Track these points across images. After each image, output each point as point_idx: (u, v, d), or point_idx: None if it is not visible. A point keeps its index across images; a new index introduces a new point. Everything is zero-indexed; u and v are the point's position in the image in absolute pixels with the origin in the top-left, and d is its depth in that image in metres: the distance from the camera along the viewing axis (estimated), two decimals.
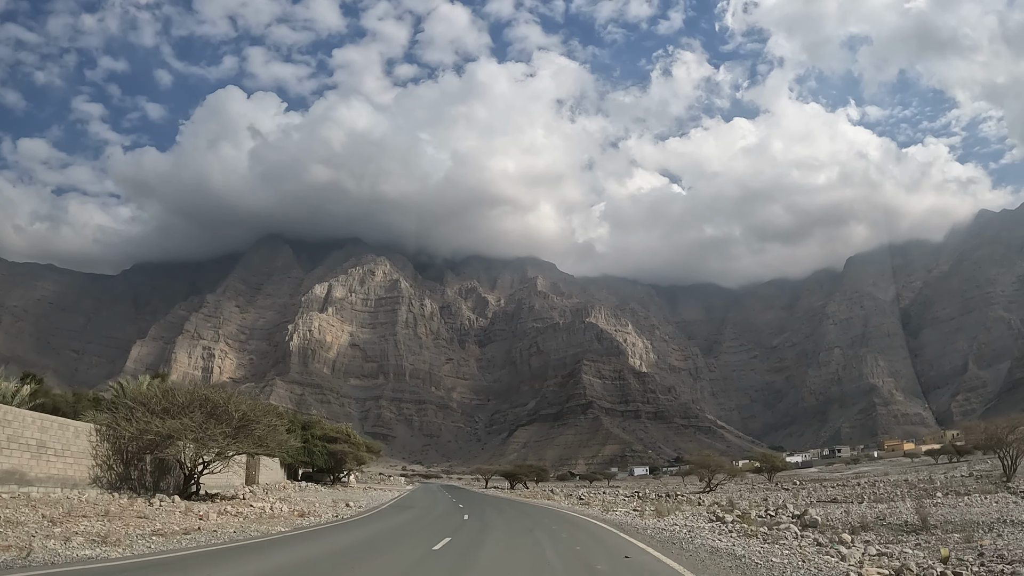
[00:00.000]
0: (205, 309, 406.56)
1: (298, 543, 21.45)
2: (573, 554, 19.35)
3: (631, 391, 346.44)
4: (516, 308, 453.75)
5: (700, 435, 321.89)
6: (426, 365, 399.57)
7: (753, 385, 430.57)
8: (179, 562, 16.10)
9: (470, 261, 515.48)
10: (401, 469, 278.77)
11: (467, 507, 43.60)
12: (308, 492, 53.76)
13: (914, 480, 61.55)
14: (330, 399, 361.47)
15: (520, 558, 18.84)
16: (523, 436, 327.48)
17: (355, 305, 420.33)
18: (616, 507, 43.73)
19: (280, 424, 37.30)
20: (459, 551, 19.63)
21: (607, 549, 20.37)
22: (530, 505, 49.06)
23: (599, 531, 26.88)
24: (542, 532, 26.16)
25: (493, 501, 56.53)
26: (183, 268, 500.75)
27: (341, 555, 19.08)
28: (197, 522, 23.96)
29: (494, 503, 51.81)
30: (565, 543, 22.12)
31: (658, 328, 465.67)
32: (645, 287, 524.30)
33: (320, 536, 23.87)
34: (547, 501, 57.44)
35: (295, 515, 30.33)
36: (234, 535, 22.43)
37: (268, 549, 19.85)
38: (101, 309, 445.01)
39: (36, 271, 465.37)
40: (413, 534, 25.71)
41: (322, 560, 17.79)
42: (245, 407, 33.52)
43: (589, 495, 65.04)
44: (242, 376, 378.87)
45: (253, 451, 35.78)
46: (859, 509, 34.51)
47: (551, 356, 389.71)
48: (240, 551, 18.86)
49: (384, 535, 24.90)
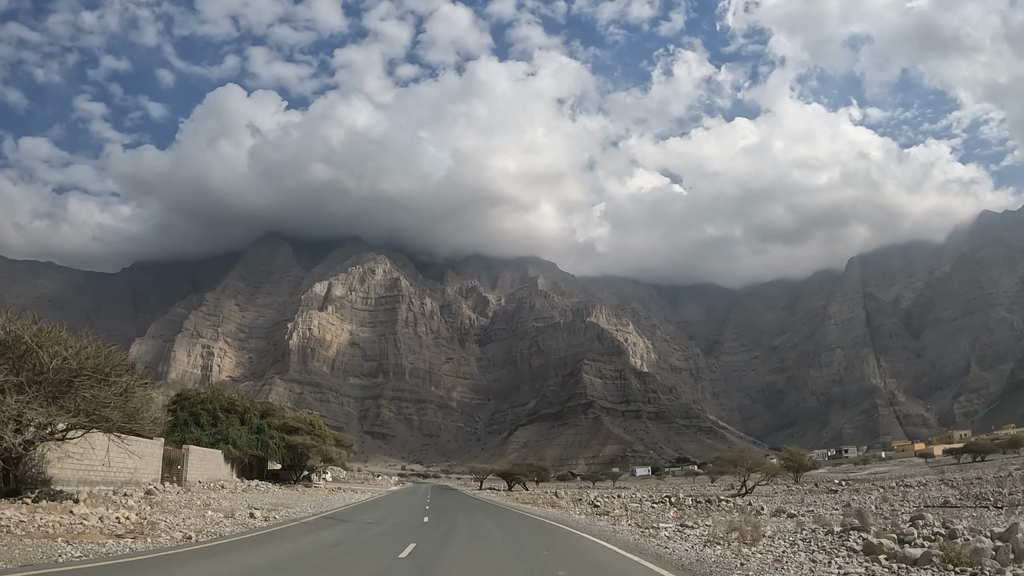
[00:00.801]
0: (204, 307, 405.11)
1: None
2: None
3: (632, 391, 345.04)
4: (516, 307, 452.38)
5: (701, 435, 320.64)
6: (426, 364, 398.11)
7: (754, 385, 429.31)
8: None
9: (470, 260, 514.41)
10: (400, 468, 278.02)
11: (435, 520, 29.70)
12: (241, 494, 41.66)
13: (967, 478, 53.56)
14: (329, 398, 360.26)
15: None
16: (523, 436, 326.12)
17: (355, 304, 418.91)
18: (654, 520, 29.38)
19: (137, 384, 25.03)
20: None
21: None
22: (530, 518, 33.71)
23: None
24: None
25: (479, 508, 41.81)
26: (183, 266, 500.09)
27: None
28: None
29: (479, 512, 37.28)
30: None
31: (659, 328, 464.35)
32: (646, 287, 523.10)
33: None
34: (551, 509, 42.28)
35: (128, 532, 19.48)
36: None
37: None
38: (100, 307, 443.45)
39: (36, 269, 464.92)
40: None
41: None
42: (72, 351, 21.77)
43: (604, 500, 50.17)
44: (241, 375, 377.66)
45: (107, 425, 23.75)
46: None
47: (551, 356, 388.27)
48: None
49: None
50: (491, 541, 21.60)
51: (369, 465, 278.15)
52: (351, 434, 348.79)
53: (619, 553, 18.42)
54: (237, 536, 21.28)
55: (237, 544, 19.46)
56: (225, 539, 20.39)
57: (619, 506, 42.53)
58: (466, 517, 32.62)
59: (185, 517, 25.18)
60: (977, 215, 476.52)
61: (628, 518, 31.71)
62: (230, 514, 27.78)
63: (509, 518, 33.49)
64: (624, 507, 41.30)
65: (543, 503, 49.73)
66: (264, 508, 31.86)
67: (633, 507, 41.31)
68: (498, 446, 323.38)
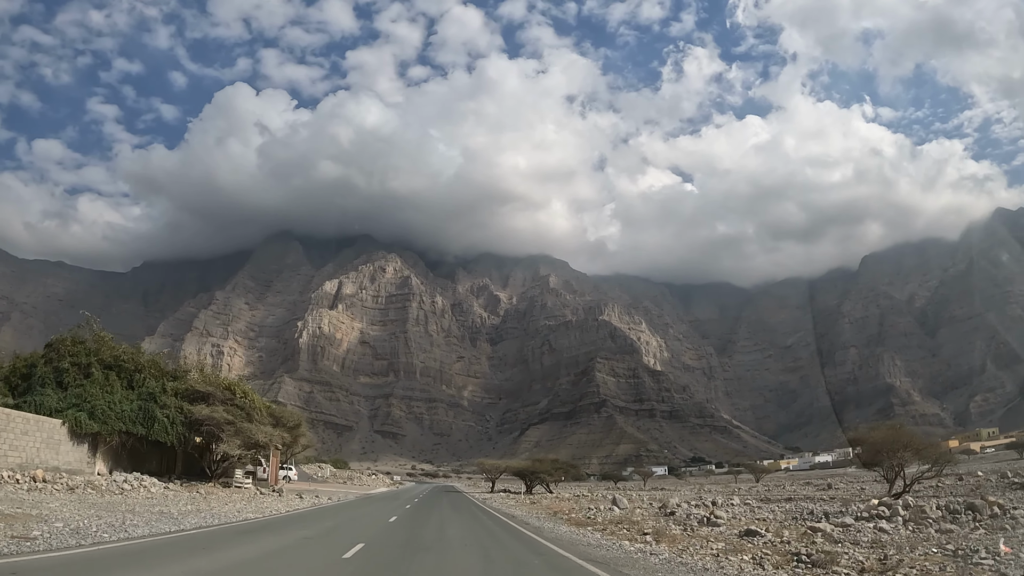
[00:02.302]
0: (214, 306, 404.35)
1: None
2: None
3: (646, 390, 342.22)
4: (528, 306, 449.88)
5: (716, 435, 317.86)
6: (437, 363, 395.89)
7: (767, 385, 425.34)
8: None
9: (481, 258, 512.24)
10: (411, 468, 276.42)
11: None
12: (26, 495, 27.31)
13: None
14: (339, 397, 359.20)
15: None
16: (535, 435, 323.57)
17: (365, 302, 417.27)
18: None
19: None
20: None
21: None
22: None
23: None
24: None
25: (489, 533, 25.43)
26: (193, 265, 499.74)
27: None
28: None
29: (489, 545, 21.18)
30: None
31: (672, 327, 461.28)
32: (658, 286, 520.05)
33: None
34: (627, 541, 21.69)
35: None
36: None
37: None
38: (111, 306, 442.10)
39: (46, 268, 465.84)
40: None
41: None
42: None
43: (712, 511, 29.89)
44: (251, 373, 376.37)
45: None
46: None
47: (563, 354, 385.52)
48: None
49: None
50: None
51: (379, 464, 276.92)
52: (361, 433, 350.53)
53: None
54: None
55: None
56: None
57: (773, 531, 21.60)
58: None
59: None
60: (991, 212, 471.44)
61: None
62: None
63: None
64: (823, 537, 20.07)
65: (611, 525, 27.39)
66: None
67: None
68: (510, 445, 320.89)
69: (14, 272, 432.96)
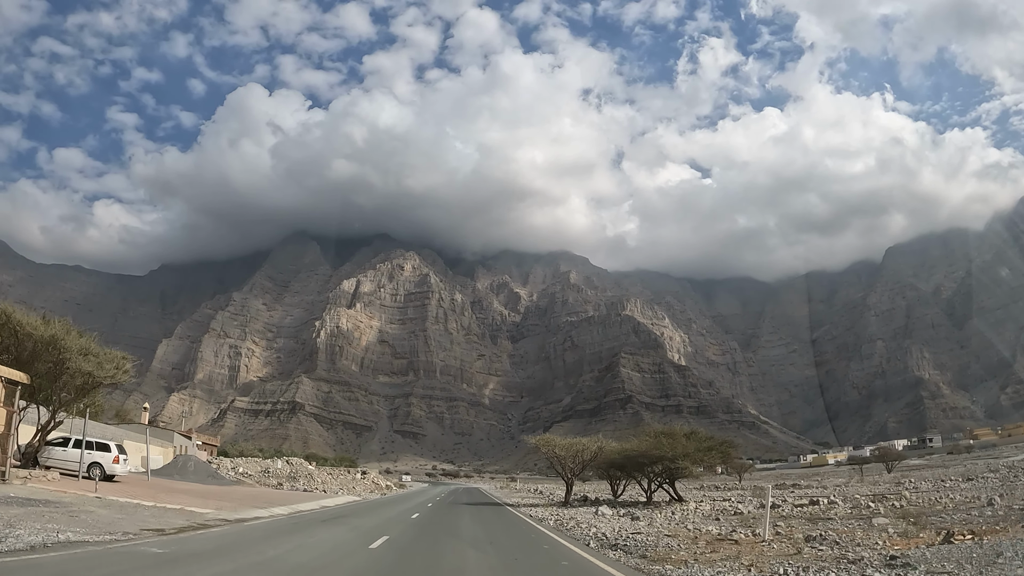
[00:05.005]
0: (232, 307, 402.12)
1: None
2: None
3: (671, 385, 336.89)
4: (549, 302, 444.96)
5: (744, 430, 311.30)
6: (457, 361, 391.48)
7: (793, 380, 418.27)
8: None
9: (501, 256, 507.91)
10: (431, 468, 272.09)
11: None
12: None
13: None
14: (358, 396, 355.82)
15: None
16: (559, 433, 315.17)
17: (384, 300, 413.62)
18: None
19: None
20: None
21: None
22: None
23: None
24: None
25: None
26: (210, 267, 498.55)
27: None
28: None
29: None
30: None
31: (695, 322, 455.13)
32: (679, 281, 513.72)
33: None
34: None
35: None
36: None
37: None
38: (128, 309, 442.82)
39: (63, 272, 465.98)
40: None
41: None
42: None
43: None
44: (269, 374, 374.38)
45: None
46: None
47: (586, 350, 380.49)
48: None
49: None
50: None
51: (399, 465, 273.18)
52: (380, 433, 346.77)
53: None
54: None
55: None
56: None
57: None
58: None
59: None
60: (1017, 201, 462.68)
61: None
62: None
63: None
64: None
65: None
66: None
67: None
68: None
69: (32, 276, 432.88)
